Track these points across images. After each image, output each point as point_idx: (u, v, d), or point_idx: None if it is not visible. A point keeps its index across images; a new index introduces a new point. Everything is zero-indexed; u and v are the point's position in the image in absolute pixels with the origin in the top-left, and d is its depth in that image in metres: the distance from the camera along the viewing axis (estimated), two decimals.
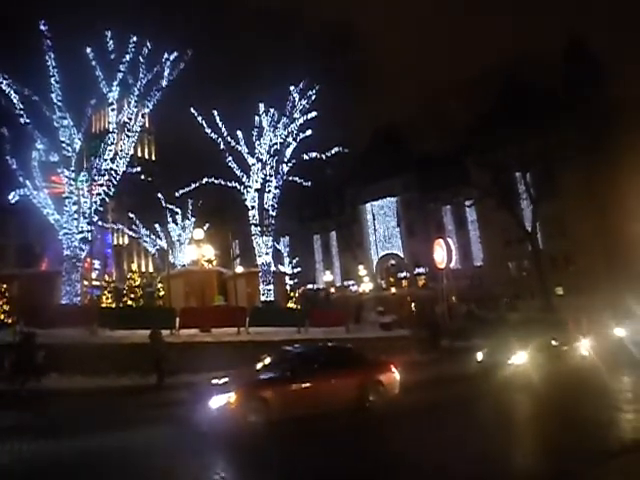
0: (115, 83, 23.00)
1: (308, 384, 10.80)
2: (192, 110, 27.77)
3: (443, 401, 12.56)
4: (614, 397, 12.09)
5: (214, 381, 10.96)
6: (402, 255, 65.64)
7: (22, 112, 21.60)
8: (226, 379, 10.96)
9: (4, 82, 21.31)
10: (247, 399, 10.03)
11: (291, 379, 10.76)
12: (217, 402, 9.81)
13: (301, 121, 29.20)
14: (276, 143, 29.09)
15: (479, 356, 16.82)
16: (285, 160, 29.31)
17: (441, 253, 27.79)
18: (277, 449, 8.70)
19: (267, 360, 11.93)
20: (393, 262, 66.65)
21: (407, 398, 12.07)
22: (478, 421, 10.19)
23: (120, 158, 23.53)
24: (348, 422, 10.53)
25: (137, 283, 38.94)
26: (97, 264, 44.81)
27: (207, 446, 9.20)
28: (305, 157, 29.66)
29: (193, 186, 30.26)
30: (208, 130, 27.98)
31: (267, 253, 29.10)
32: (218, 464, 8.50)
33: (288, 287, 40.43)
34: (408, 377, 13.24)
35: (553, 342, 16.80)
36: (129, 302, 35.95)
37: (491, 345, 17.20)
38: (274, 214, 29.31)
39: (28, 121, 21.82)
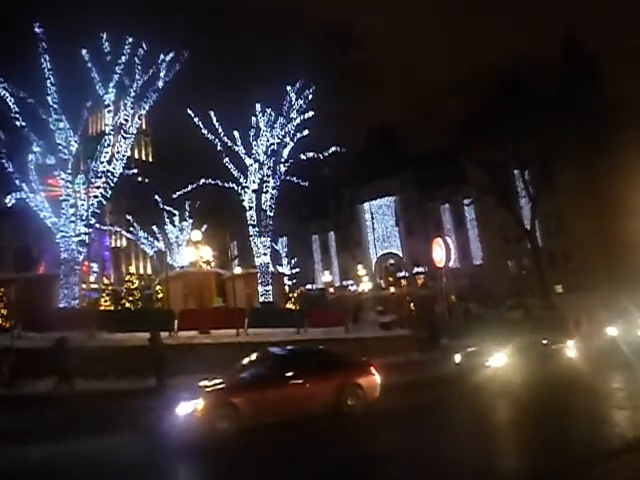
0: (111, 85, 22.86)
1: (281, 389, 10.35)
2: (189, 111, 27.76)
3: (422, 405, 12.13)
4: (594, 402, 11.57)
5: (203, 383, 10.65)
6: (401, 254, 65.64)
7: (18, 115, 21.42)
8: (217, 380, 10.69)
9: None
10: (215, 406, 9.59)
11: (263, 384, 10.34)
12: (184, 409, 9.36)
13: (298, 121, 29.15)
14: (273, 143, 29.02)
15: (457, 358, 16.02)
16: (282, 160, 29.24)
17: (440, 252, 27.69)
18: (243, 459, 8.30)
19: (250, 358, 11.63)
20: (392, 261, 66.65)
21: (387, 402, 11.60)
22: (454, 427, 9.94)
23: (117, 160, 23.40)
24: (324, 428, 10.14)
25: (135, 285, 38.89)
26: (95, 267, 44.82)
27: (164, 457, 8.73)
28: (302, 157, 29.61)
29: (190, 187, 30.27)
30: (205, 131, 27.95)
31: (265, 254, 29.01)
32: (169, 477, 8.05)
33: (287, 288, 40.40)
34: (394, 379, 12.92)
35: (544, 341, 15.97)
36: (127, 305, 35.90)
37: (471, 346, 16.40)
38: (272, 214, 29.22)
39: (24, 124, 21.65)
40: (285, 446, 9.00)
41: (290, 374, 10.71)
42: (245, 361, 11.71)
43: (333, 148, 30.12)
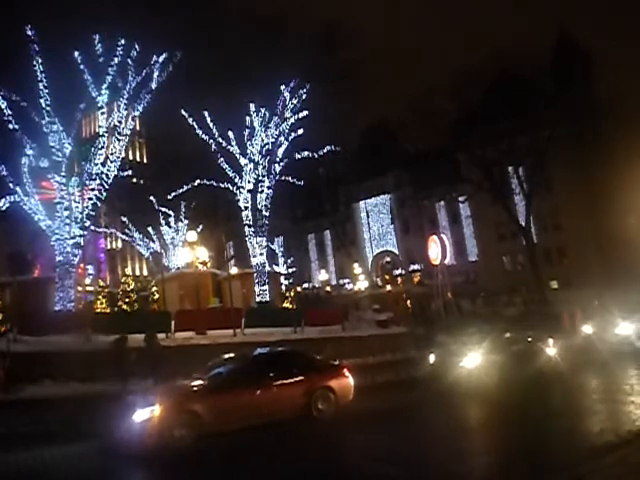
0: (104, 86, 22.75)
1: (247, 393, 9.99)
2: (183, 112, 27.70)
3: (393, 408, 11.88)
4: (566, 405, 11.41)
5: (195, 382, 10.45)
6: (397, 252, 65.72)
7: (10, 118, 21.32)
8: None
9: None
10: (173, 412, 9.18)
11: (228, 388, 9.93)
12: (140, 416, 8.94)
13: (292, 120, 29.14)
14: (268, 143, 29.02)
15: (431, 358, 15.43)
16: (277, 160, 29.24)
17: (435, 249, 27.70)
18: (194, 469, 7.97)
19: (212, 362, 11.36)
20: (388, 259, 66.74)
21: (359, 405, 11.30)
22: (419, 431, 9.74)
23: (111, 162, 23.32)
24: (291, 434, 9.77)
25: (131, 287, 38.63)
26: (90, 269, 44.62)
27: (111, 467, 8.35)
28: (297, 156, 29.62)
29: (185, 188, 30.27)
30: (199, 131, 27.93)
31: (261, 253, 29.02)
32: None
33: (283, 287, 40.37)
34: (375, 380, 12.83)
35: (528, 339, 15.43)
36: (124, 306, 35.70)
37: (449, 345, 15.71)
38: (267, 214, 29.23)
39: (17, 127, 21.54)
40: (246, 454, 8.66)
41: (257, 377, 10.38)
42: (213, 362, 11.41)
43: (328, 147, 30.16)
